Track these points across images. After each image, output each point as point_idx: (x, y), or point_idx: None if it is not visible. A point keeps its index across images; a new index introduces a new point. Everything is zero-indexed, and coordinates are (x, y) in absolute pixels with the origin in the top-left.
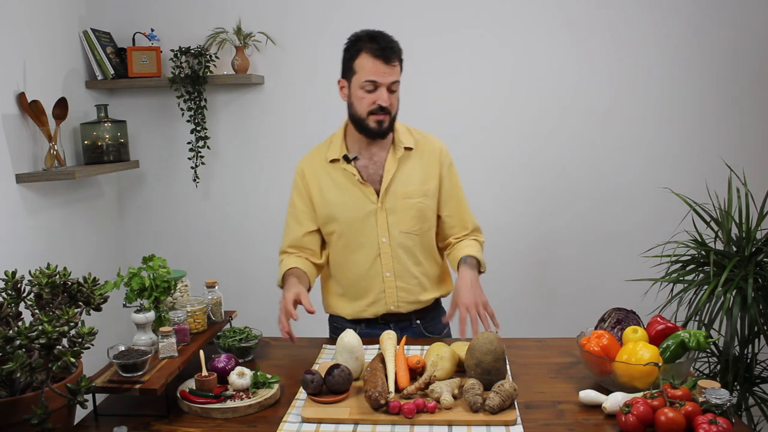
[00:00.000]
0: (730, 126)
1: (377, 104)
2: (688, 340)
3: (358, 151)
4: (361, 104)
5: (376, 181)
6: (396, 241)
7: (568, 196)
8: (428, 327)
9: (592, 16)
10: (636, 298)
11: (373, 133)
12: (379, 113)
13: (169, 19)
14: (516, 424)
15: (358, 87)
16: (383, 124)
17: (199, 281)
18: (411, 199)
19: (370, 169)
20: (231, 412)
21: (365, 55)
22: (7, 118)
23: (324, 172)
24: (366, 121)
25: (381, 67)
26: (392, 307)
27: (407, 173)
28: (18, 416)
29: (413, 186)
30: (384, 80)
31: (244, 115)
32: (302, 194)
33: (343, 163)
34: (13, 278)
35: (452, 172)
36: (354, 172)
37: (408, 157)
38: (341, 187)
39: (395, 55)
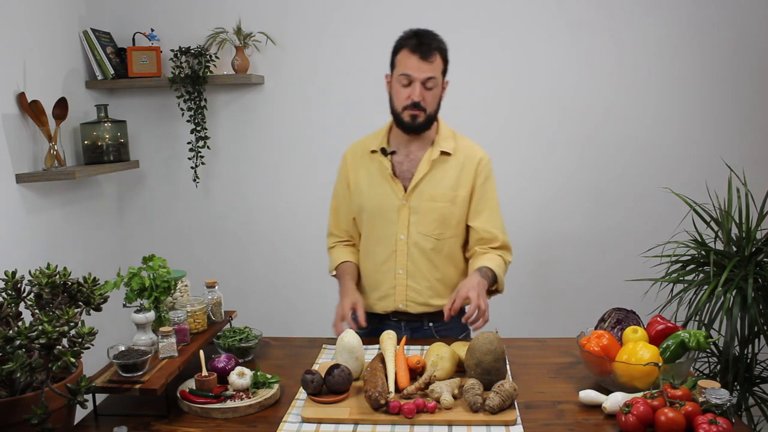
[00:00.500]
0: (730, 126)
1: (411, 99)
2: (688, 340)
3: (398, 146)
4: (398, 98)
5: (407, 179)
6: (413, 240)
7: (568, 196)
8: (441, 331)
9: (592, 17)
10: (636, 298)
11: (407, 127)
12: (412, 108)
13: (169, 19)
14: (516, 424)
15: (396, 81)
16: (417, 119)
17: (199, 281)
18: (435, 203)
19: (404, 166)
20: (231, 412)
21: (405, 50)
22: (7, 118)
23: (363, 161)
24: (401, 115)
25: (417, 62)
26: (401, 305)
27: (439, 176)
28: (18, 416)
29: (441, 190)
30: (418, 75)
31: (244, 115)
32: (342, 181)
33: (380, 156)
34: (13, 278)
35: (488, 184)
36: (387, 165)
37: (444, 161)
38: (373, 178)
39: (433, 52)
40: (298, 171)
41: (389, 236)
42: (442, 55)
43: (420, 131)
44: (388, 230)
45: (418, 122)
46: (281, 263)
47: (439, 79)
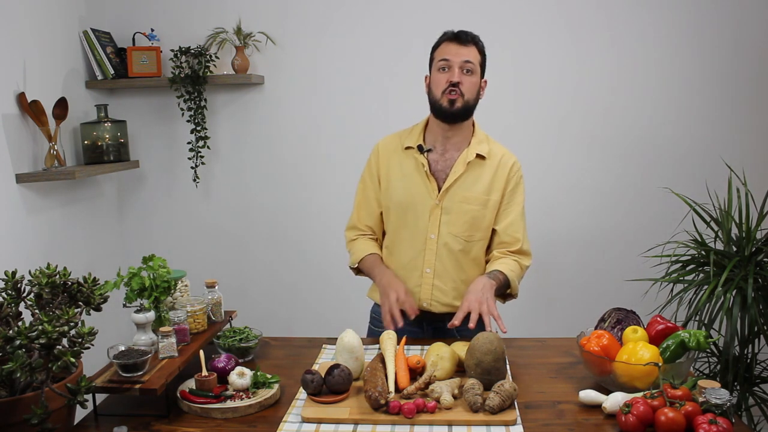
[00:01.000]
0: (730, 126)
1: (449, 81)
2: (688, 340)
3: (434, 144)
4: (437, 85)
5: (442, 178)
6: (443, 241)
7: (568, 196)
8: (462, 331)
9: (593, 17)
10: (636, 298)
11: (445, 114)
12: (451, 92)
13: (169, 19)
14: (516, 424)
15: (435, 71)
16: (455, 103)
17: (199, 281)
18: (468, 205)
19: (439, 165)
20: (231, 412)
21: (443, 42)
22: (7, 118)
23: (396, 156)
24: (440, 101)
25: (454, 47)
26: (425, 304)
27: (472, 179)
28: (18, 416)
29: (474, 193)
30: (456, 58)
31: (244, 115)
32: (373, 173)
33: (416, 152)
34: (13, 278)
35: (517, 190)
36: (424, 162)
37: (478, 164)
38: (408, 175)
39: (470, 39)
40: (298, 171)
41: (419, 234)
42: (479, 48)
43: (458, 118)
44: (418, 228)
45: (456, 107)
46: (281, 263)
47: (476, 67)
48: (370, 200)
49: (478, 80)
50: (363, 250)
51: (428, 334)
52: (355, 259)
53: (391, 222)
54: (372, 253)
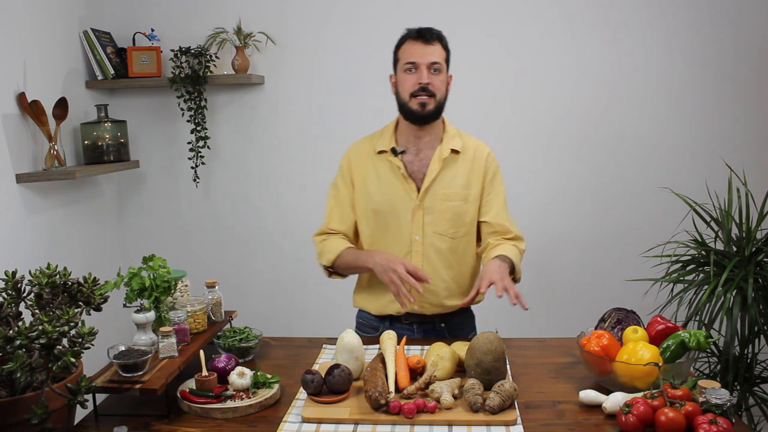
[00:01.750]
0: (730, 126)
1: (418, 84)
2: (688, 340)
3: (406, 145)
4: (405, 87)
5: (419, 179)
6: (429, 241)
7: (568, 196)
8: (453, 331)
9: (592, 16)
10: (636, 298)
11: (417, 117)
12: (421, 94)
13: (169, 19)
14: (516, 424)
15: (401, 72)
16: (426, 106)
17: (199, 281)
18: (449, 202)
19: (414, 165)
20: (231, 412)
21: (406, 41)
22: (7, 118)
23: (370, 162)
24: (409, 104)
25: (420, 47)
26: (416, 307)
27: (450, 175)
28: (18, 416)
29: (454, 189)
30: (423, 59)
31: (244, 115)
32: (346, 179)
33: (390, 155)
34: (13, 278)
35: (497, 179)
36: (400, 165)
37: (454, 159)
38: (383, 179)
39: (435, 37)
40: (298, 171)
41: (403, 238)
42: (443, 44)
43: (430, 120)
44: (402, 232)
45: (428, 110)
46: (281, 263)
47: (443, 66)
48: (344, 207)
49: (446, 77)
50: (338, 246)
51: (419, 336)
52: (331, 256)
53: (372, 228)
54: (349, 247)
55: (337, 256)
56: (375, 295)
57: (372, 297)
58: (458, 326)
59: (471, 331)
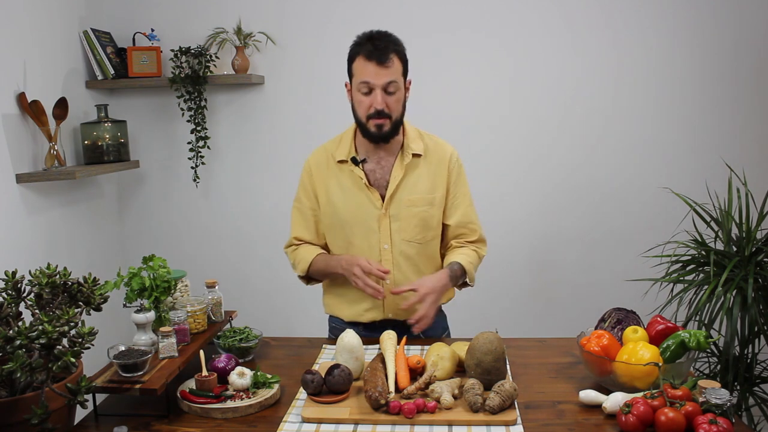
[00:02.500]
0: (730, 126)
1: (373, 108)
2: (688, 340)
3: (366, 153)
4: (360, 108)
5: (382, 187)
6: (398, 249)
7: (568, 196)
8: (426, 331)
9: (592, 16)
10: (636, 298)
11: (374, 137)
12: (376, 117)
13: (169, 19)
14: (516, 424)
15: (356, 90)
16: (383, 128)
17: (199, 281)
18: (415, 207)
19: (377, 174)
20: (231, 412)
21: (360, 57)
22: (7, 118)
23: (331, 172)
24: (366, 125)
25: (374, 68)
26: (390, 315)
27: (414, 180)
28: (18, 416)
29: (418, 194)
30: (377, 81)
31: (244, 115)
32: (308, 191)
33: (350, 165)
34: (13, 278)
35: (461, 180)
36: (361, 175)
37: (416, 164)
38: (347, 189)
39: (390, 56)
40: (298, 171)
41: (371, 247)
42: (399, 56)
43: (388, 140)
44: (370, 241)
45: (385, 131)
46: (281, 263)
47: (399, 82)
48: (308, 218)
49: (403, 93)
50: (309, 255)
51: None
52: (304, 266)
53: (339, 239)
54: (320, 254)
55: (309, 264)
56: (348, 303)
57: (346, 305)
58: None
59: (444, 331)
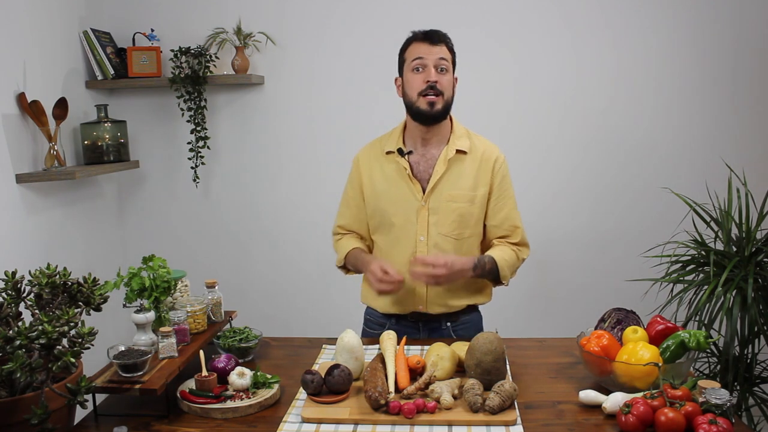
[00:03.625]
0: (730, 126)
1: (427, 82)
2: (688, 340)
3: (413, 146)
4: (412, 87)
5: (425, 179)
6: (433, 242)
7: (568, 196)
8: (458, 331)
9: (592, 17)
10: (636, 298)
11: (425, 116)
12: (429, 93)
13: (169, 19)
14: (516, 424)
15: (408, 72)
16: (435, 105)
17: (199, 281)
18: (455, 203)
19: (421, 166)
20: (231, 412)
21: (413, 43)
22: (7, 118)
23: (378, 163)
24: (417, 104)
25: (426, 47)
26: (420, 306)
27: (456, 176)
28: (18, 416)
29: (460, 190)
30: (430, 56)
31: (244, 115)
32: (354, 183)
33: (397, 156)
34: (13, 278)
35: (506, 182)
36: (406, 165)
37: (460, 160)
38: (391, 179)
39: (441, 39)
40: (298, 171)
41: (408, 238)
42: (448, 46)
43: (439, 119)
44: (407, 232)
45: (436, 109)
46: (281, 263)
47: (450, 65)
48: (352, 208)
49: (452, 78)
50: (346, 247)
51: (424, 335)
52: (341, 257)
53: (380, 228)
54: (355, 248)
55: (345, 256)
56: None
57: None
58: (464, 326)
59: (478, 330)
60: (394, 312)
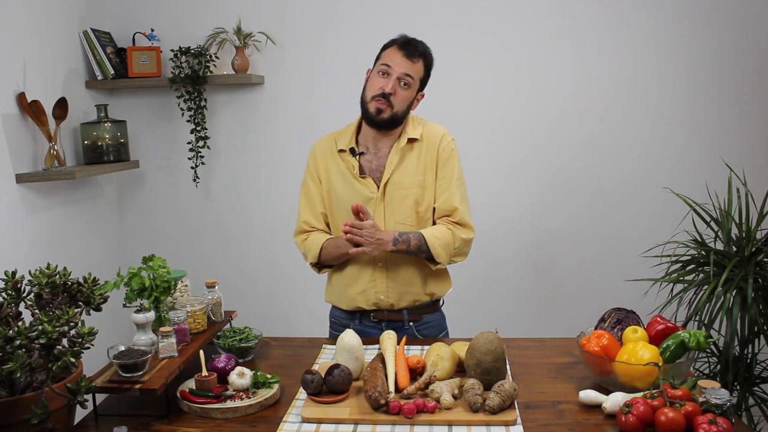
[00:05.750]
0: (730, 126)
1: (382, 89)
2: (688, 340)
3: (366, 144)
4: (371, 87)
5: (378, 177)
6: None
7: (569, 195)
8: (422, 330)
9: (593, 17)
10: (636, 298)
11: (370, 119)
12: (380, 100)
13: (169, 19)
14: (516, 424)
15: (375, 72)
16: (382, 113)
17: (199, 281)
18: (407, 190)
19: (373, 164)
20: (231, 412)
21: (393, 47)
22: (7, 118)
23: (332, 158)
24: (368, 104)
25: (400, 57)
26: (382, 297)
27: (407, 164)
28: (18, 416)
29: (410, 177)
30: (397, 68)
31: (244, 115)
32: (314, 176)
33: (348, 155)
34: (13, 278)
35: (450, 162)
36: (354, 164)
37: (410, 148)
38: (345, 176)
39: (418, 55)
40: (298, 171)
41: None
42: (425, 64)
43: (382, 128)
44: None
45: (382, 117)
46: (281, 263)
47: (415, 82)
48: (314, 203)
49: (413, 95)
50: (318, 241)
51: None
52: (315, 251)
53: (339, 223)
54: (329, 238)
55: (320, 250)
56: (344, 287)
57: (341, 289)
58: (427, 325)
59: (441, 331)
60: (358, 306)
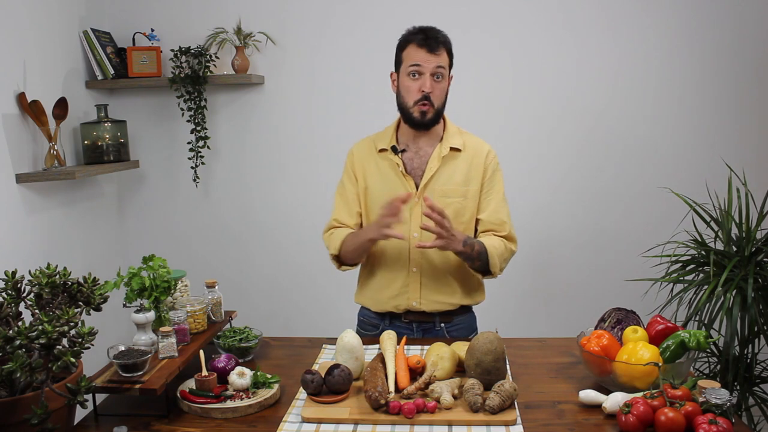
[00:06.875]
0: (730, 126)
1: (421, 92)
2: (688, 340)
3: (407, 143)
4: (408, 93)
5: (418, 176)
6: (426, 237)
7: (568, 195)
8: (452, 332)
9: (592, 16)
10: (636, 298)
11: (416, 123)
12: (422, 103)
13: (169, 19)
14: (516, 424)
15: (405, 75)
16: (426, 114)
17: (199, 281)
18: (448, 198)
19: (414, 163)
20: (231, 412)
21: (412, 45)
22: (7, 118)
23: (371, 159)
24: (411, 111)
25: (425, 54)
26: (414, 303)
27: (449, 172)
28: (18, 416)
29: (453, 186)
30: (427, 65)
31: (244, 115)
32: (351, 176)
33: (390, 153)
34: (13, 278)
35: (496, 177)
36: (399, 162)
37: (453, 157)
38: (384, 176)
39: (440, 45)
40: (298, 171)
41: (402, 233)
42: (447, 49)
43: (429, 127)
44: (400, 228)
45: (428, 118)
46: (281, 263)
47: (446, 71)
48: (349, 201)
49: (447, 83)
50: (341, 234)
51: (418, 335)
52: (336, 243)
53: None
54: (350, 233)
55: (341, 242)
56: (376, 290)
57: (373, 292)
58: (458, 327)
59: (471, 332)
60: (389, 310)
